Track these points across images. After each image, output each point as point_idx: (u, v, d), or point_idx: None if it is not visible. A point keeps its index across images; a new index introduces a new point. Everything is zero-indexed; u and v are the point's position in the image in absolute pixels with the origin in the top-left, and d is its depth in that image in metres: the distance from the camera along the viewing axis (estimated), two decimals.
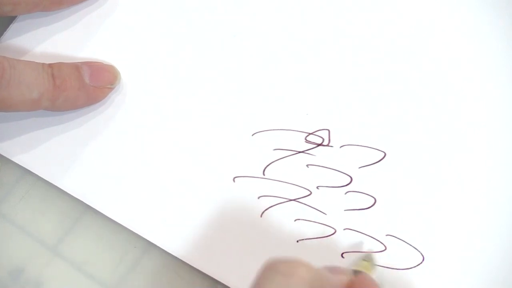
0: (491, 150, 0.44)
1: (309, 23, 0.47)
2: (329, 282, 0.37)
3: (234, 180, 0.45)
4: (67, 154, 0.46)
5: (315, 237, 0.44)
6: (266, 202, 0.44)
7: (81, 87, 0.46)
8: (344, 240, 0.43)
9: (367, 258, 0.41)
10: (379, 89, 0.46)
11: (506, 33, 0.46)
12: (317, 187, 0.44)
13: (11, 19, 0.49)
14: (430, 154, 0.44)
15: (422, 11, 0.47)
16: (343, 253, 0.43)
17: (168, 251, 0.44)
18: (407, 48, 0.46)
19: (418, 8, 0.47)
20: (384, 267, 0.43)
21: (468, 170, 0.44)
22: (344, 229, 0.44)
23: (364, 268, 0.40)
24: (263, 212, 0.44)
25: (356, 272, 0.39)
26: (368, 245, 0.43)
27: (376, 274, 0.41)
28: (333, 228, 0.44)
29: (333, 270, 0.38)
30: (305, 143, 0.45)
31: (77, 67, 0.46)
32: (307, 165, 0.45)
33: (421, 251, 0.43)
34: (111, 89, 0.47)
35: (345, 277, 0.38)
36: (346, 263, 0.43)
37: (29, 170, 0.47)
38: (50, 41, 0.48)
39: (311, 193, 0.44)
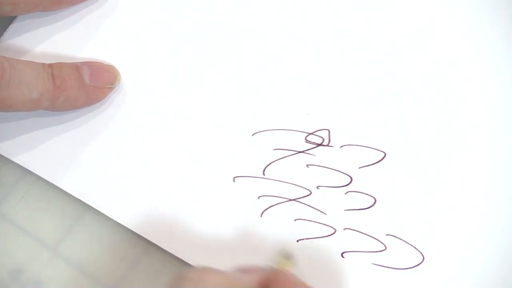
0: (491, 150, 0.44)
1: (309, 23, 0.47)
2: (241, 283, 0.37)
3: (234, 180, 0.45)
4: (67, 154, 0.46)
5: (315, 237, 0.44)
6: (266, 202, 0.44)
7: (81, 87, 0.46)
8: (344, 240, 0.43)
9: (284, 253, 0.41)
10: (379, 89, 0.46)
11: (506, 33, 0.46)
12: (317, 187, 0.44)
13: (11, 19, 0.49)
14: (430, 154, 0.44)
15: (422, 11, 0.47)
16: (343, 253, 0.43)
17: (168, 250, 0.44)
18: (407, 48, 0.46)
19: (418, 8, 0.47)
20: (384, 267, 0.43)
21: (468, 170, 0.44)
22: (344, 229, 0.44)
23: (281, 265, 0.40)
24: (263, 212, 0.44)
25: (273, 269, 0.39)
26: (368, 245, 0.43)
27: (294, 270, 0.40)
28: (333, 228, 0.44)
29: (246, 270, 0.38)
30: (305, 143, 0.45)
31: (77, 67, 0.46)
32: (307, 165, 0.45)
33: (421, 251, 0.43)
34: (111, 89, 0.47)
35: (257, 276, 0.38)
36: (346, 263, 0.43)
37: (29, 170, 0.47)
38: (50, 41, 0.48)
39: (311, 193, 0.44)
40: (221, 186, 0.45)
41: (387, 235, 0.43)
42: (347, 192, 0.44)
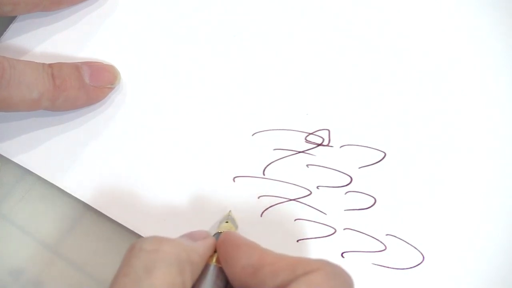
0: (491, 150, 0.44)
1: (309, 23, 0.47)
2: (194, 250, 0.36)
3: (234, 180, 0.45)
4: (67, 154, 0.46)
5: (315, 237, 0.44)
6: (266, 202, 0.44)
7: (81, 87, 0.46)
8: (344, 240, 0.43)
9: (228, 219, 0.41)
10: (379, 89, 0.46)
11: (506, 33, 0.46)
12: (317, 187, 0.44)
13: (11, 19, 0.49)
14: (430, 154, 0.44)
15: (422, 11, 0.47)
16: (343, 253, 0.43)
17: None
18: (407, 48, 0.46)
19: (418, 8, 0.47)
20: (384, 267, 0.43)
21: (468, 170, 0.44)
22: (344, 229, 0.44)
23: (227, 229, 0.40)
24: (263, 212, 0.44)
25: (219, 235, 0.39)
26: (368, 245, 0.43)
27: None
28: (333, 228, 0.44)
29: (195, 236, 0.38)
30: (305, 143, 0.45)
31: (77, 67, 0.46)
32: (307, 165, 0.45)
33: (421, 251, 0.43)
34: (111, 89, 0.47)
35: (209, 241, 0.38)
36: (346, 263, 0.43)
37: (29, 170, 0.46)
38: (50, 41, 0.48)
39: (311, 193, 0.44)
40: (221, 186, 0.45)
41: (387, 235, 0.43)
42: (347, 192, 0.44)
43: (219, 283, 0.36)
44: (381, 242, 0.43)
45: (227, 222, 0.42)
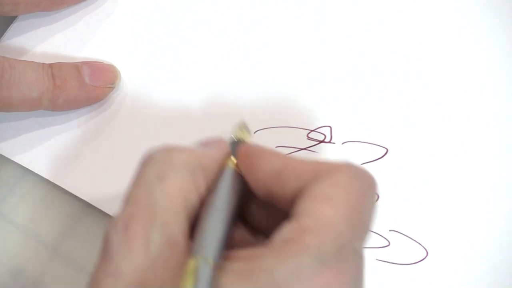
0: (494, 146, 0.44)
1: (311, 21, 0.47)
2: (207, 156, 0.36)
3: None
4: (67, 154, 0.46)
5: None
6: None
7: (81, 87, 0.46)
8: None
9: (242, 126, 0.40)
10: (380, 85, 0.46)
11: (506, 32, 0.46)
12: None
13: (11, 19, 0.49)
14: (432, 150, 0.44)
15: (423, 9, 0.47)
16: None
17: None
18: (409, 45, 0.46)
19: (419, 6, 0.47)
20: (388, 262, 0.43)
21: (470, 165, 0.44)
22: None
23: (243, 136, 0.39)
24: None
25: (234, 139, 0.39)
26: (372, 241, 0.43)
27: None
28: None
29: (208, 143, 0.38)
30: (307, 140, 0.45)
31: (77, 67, 0.46)
32: None
33: (424, 246, 0.43)
34: (111, 88, 0.47)
35: (221, 146, 0.37)
36: None
37: (29, 170, 0.46)
38: (50, 41, 0.48)
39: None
40: None
41: (390, 230, 0.43)
42: None
43: (236, 185, 0.36)
44: (384, 238, 0.43)
45: (241, 129, 0.40)
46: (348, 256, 0.32)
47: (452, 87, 0.45)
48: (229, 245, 0.33)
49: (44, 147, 0.47)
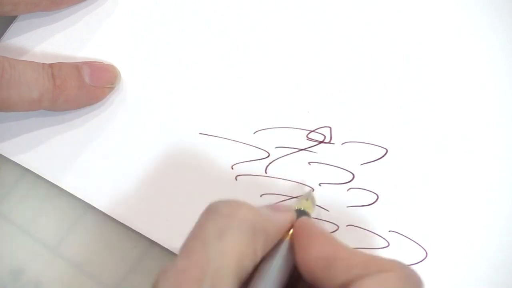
0: (493, 146, 0.44)
1: (311, 21, 0.47)
2: (272, 221, 0.36)
3: (236, 179, 0.45)
4: (67, 154, 0.46)
5: None
6: (268, 200, 0.44)
7: (81, 87, 0.46)
8: (347, 236, 0.43)
9: (309, 196, 0.41)
10: (380, 86, 0.46)
11: (507, 32, 0.46)
12: (320, 184, 0.44)
13: (11, 19, 0.49)
14: (432, 150, 0.44)
15: (423, 9, 0.47)
16: None
17: (170, 249, 0.44)
18: (409, 45, 0.46)
19: (419, 7, 0.47)
20: None
21: (470, 166, 0.44)
22: (347, 226, 0.44)
23: (306, 207, 0.39)
24: None
25: (298, 211, 0.38)
26: (371, 242, 0.43)
27: (315, 213, 0.41)
28: (336, 224, 0.44)
29: (276, 208, 0.37)
30: (307, 140, 0.45)
31: (77, 67, 0.46)
32: (309, 163, 0.45)
33: (424, 247, 0.43)
34: (111, 88, 0.47)
35: (288, 215, 0.37)
36: None
37: (29, 170, 0.46)
38: (50, 41, 0.48)
39: (313, 190, 0.44)
40: (223, 185, 0.45)
41: (390, 231, 0.43)
42: (349, 188, 0.44)
43: (290, 259, 0.35)
44: (384, 238, 0.43)
45: (307, 199, 0.41)
46: None
47: (452, 87, 0.45)
48: None
49: (44, 147, 0.47)
